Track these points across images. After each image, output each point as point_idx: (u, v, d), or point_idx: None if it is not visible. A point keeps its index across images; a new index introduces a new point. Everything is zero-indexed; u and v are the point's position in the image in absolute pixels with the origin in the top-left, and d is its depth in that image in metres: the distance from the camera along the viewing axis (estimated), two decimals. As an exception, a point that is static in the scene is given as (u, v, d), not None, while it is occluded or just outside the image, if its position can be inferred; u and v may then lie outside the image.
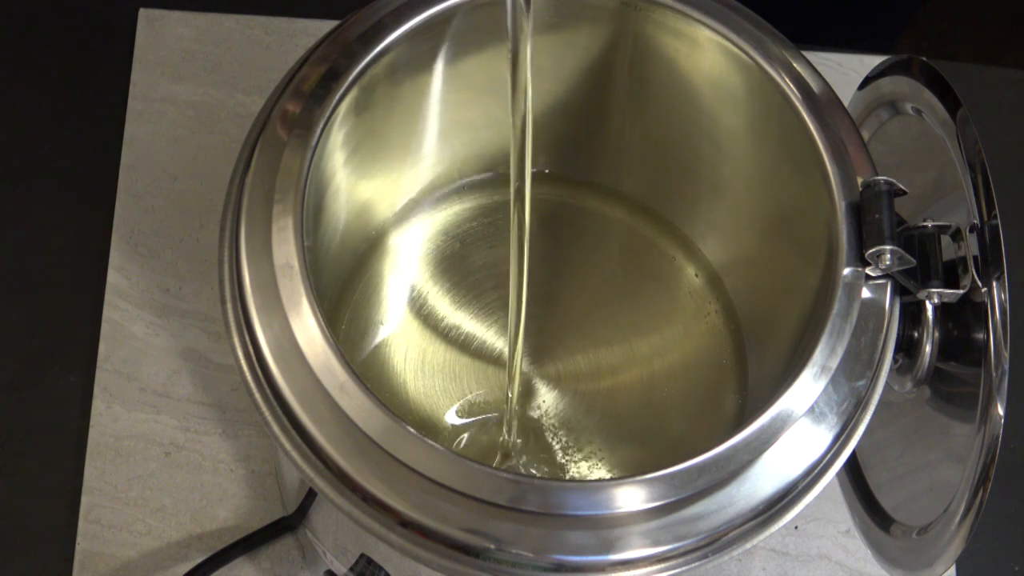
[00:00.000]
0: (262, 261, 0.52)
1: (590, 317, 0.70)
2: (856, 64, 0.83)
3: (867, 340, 0.53)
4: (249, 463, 0.72)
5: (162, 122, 0.80)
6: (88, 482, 0.71)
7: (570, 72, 0.66)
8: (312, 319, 0.51)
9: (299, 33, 0.82)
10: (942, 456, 0.56)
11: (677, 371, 0.69)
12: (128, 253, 0.76)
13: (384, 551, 0.56)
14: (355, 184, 0.64)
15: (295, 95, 0.56)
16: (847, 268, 0.54)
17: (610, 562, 0.49)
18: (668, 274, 0.71)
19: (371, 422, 0.49)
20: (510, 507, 0.48)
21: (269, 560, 0.70)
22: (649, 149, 0.69)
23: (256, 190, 0.54)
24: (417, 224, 0.71)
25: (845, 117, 0.57)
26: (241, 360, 0.52)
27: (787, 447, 0.51)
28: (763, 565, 0.71)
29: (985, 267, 0.52)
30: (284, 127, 0.55)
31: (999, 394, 0.51)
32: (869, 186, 0.54)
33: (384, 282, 0.69)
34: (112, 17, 0.83)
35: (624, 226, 0.72)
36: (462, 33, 0.60)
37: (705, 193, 0.68)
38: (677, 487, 0.49)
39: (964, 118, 0.55)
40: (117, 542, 0.70)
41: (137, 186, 0.78)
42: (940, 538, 0.53)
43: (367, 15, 0.58)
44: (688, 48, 0.61)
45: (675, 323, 0.70)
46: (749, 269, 0.68)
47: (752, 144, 0.63)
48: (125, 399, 0.73)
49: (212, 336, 0.74)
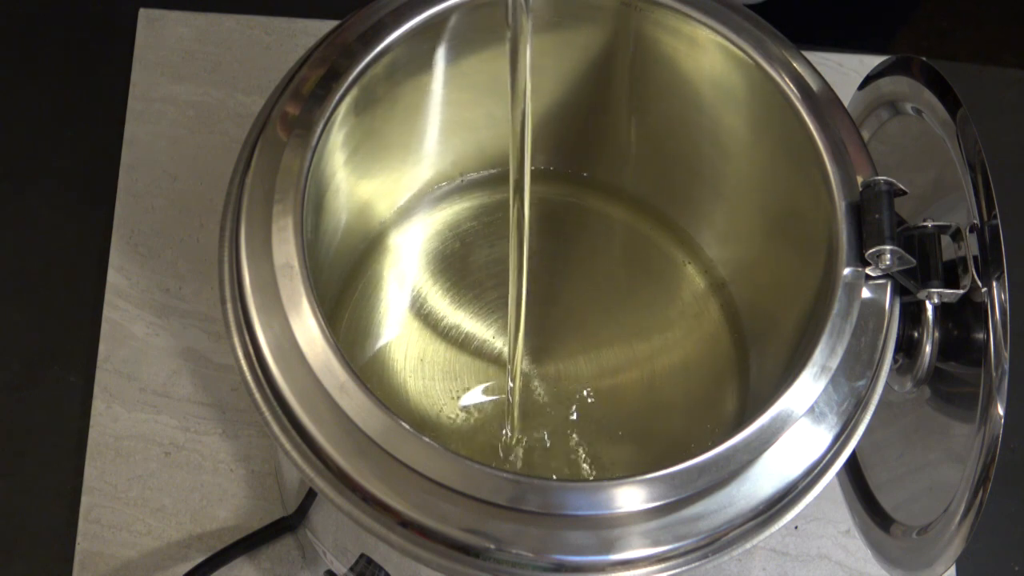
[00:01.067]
0: (262, 261, 0.52)
1: (590, 316, 0.70)
2: (856, 64, 0.83)
3: (867, 340, 0.53)
4: (249, 463, 0.72)
5: (162, 122, 0.80)
6: (88, 482, 0.71)
7: (570, 71, 0.66)
8: (312, 319, 0.51)
9: (299, 33, 0.82)
10: (942, 456, 0.56)
11: (677, 371, 0.69)
12: (128, 253, 0.76)
13: (384, 551, 0.56)
14: (355, 184, 0.64)
15: (295, 95, 0.56)
16: (847, 268, 0.54)
17: (610, 562, 0.49)
18: (669, 273, 0.71)
19: (371, 422, 0.49)
20: (510, 507, 0.48)
21: (269, 560, 0.70)
22: (649, 148, 0.69)
23: (256, 190, 0.54)
24: (417, 223, 0.71)
25: (845, 117, 0.57)
26: (241, 360, 0.52)
27: (787, 447, 0.51)
28: (763, 565, 0.71)
29: (985, 267, 0.52)
30: (284, 127, 0.55)
31: (999, 394, 0.51)
32: (869, 186, 0.54)
33: (384, 281, 0.69)
34: (112, 17, 0.83)
35: (625, 225, 0.72)
36: (462, 33, 0.60)
37: (705, 192, 0.68)
38: (677, 487, 0.49)
39: (964, 118, 0.55)
40: (117, 542, 0.70)
41: (137, 186, 0.78)
42: (940, 538, 0.53)
43: (367, 15, 0.58)
44: (688, 48, 0.61)
45: (675, 322, 0.70)
46: (750, 268, 0.68)
47: (752, 144, 0.63)
48: (125, 399, 0.73)
49: (212, 336, 0.74)
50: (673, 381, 0.68)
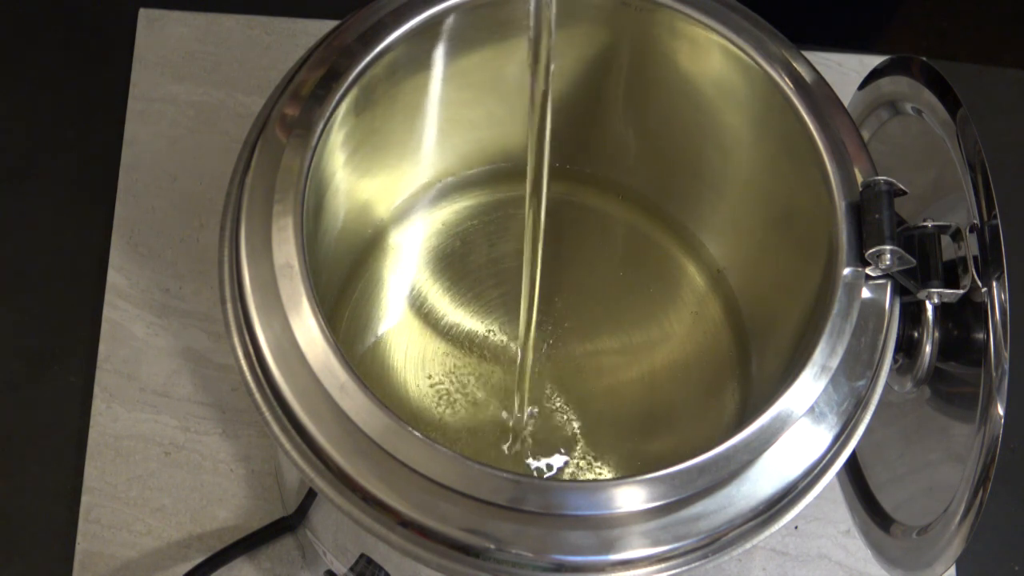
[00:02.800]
0: (262, 261, 0.52)
1: (592, 315, 0.70)
2: (856, 64, 0.83)
3: (867, 340, 0.53)
4: (249, 463, 0.72)
5: (162, 122, 0.80)
6: (88, 482, 0.71)
7: (570, 71, 0.66)
8: (312, 319, 0.51)
9: (299, 33, 0.82)
10: (942, 456, 0.56)
11: (678, 370, 0.69)
12: (128, 253, 0.76)
13: (384, 551, 0.56)
14: (355, 183, 0.64)
15: (295, 95, 0.56)
16: (847, 268, 0.54)
17: (610, 562, 0.49)
18: (670, 272, 0.71)
19: (371, 422, 0.49)
20: (510, 507, 0.48)
21: (269, 560, 0.70)
22: (650, 148, 0.69)
23: (256, 190, 0.54)
24: (417, 222, 0.71)
25: (845, 117, 0.57)
26: (241, 360, 0.52)
27: (787, 447, 0.51)
28: (763, 565, 0.71)
29: (985, 267, 0.52)
30: (284, 127, 0.55)
31: (999, 394, 0.51)
32: (869, 186, 0.54)
33: (384, 281, 0.69)
34: (112, 17, 0.83)
35: (626, 224, 0.72)
36: (462, 33, 0.60)
37: (706, 192, 0.68)
38: (677, 487, 0.49)
39: (964, 118, 0.55)
40: (117, 542, 0.70)
41: (137, 186, 0.78)
42: (940, 538, 0.53)
43: (367, 15, 0.58)
44: (688, 48, 0.61)
45: (676, 322, 0.70)
46: (750, 268, 0.68)
47: (752, 144, 0.63)
48: (125, 399, 0.73)
49: (212, 336, 0.74)
50: (674, 380, 0.68)
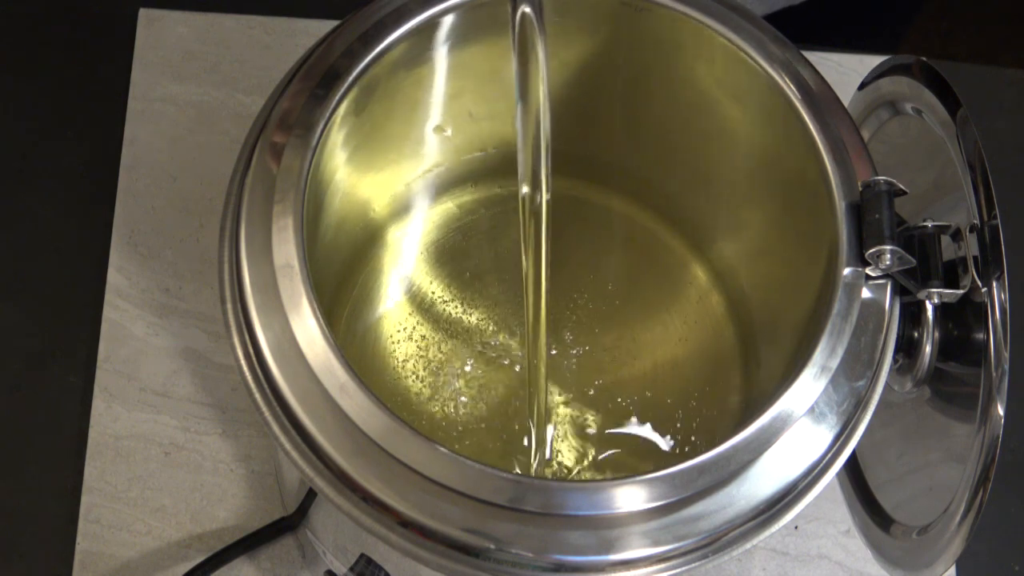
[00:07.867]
0: (262, 261, 0.52)
1: (593, 313, 0.70)
2: (856, 64, 0.83)
3: (867, 340, 0.53)
4: (249, 463, 0.72)
5: (162, 122, 0.80)
6: (88, 482, 0.71)
7: (570, 71, 0.66)
8: (312, 319, 0.51)
9: (299, 33, 0.82)
10: (942, 456, 0.56)
11: (680, 364, 0.69)
12: (128, 253, 0.76)
13: (384, 551, 0.56)
14: (355, 182, 0.64)
15: (295, 95, 0.56)
16: (847, 268, 0.54)
17: (610, 562, 0.49)
18: (671, 271, 0.71)
19: (371, 422, 0.49)
20: (510, 507, 0.48)
21: (269, 560, 0.70)
22: (650, 148, 0.69)
23: (256, 190, 0.54)
24: (417, 219, 0.71)
25: (845, 117, 0.57)
26: (241, 360, 0.52)
27: (787, 447, 0.51)
28: (763, 565, 0.71)
29: (985, 267, 0.52)
30: (284, 127, 0.55)
31: (999, 394, 0.51)
32: (869, 186, 0.54)
33: (384, 277, 0.69)
34: (112, 17, 0.83)
35: (628, 223, 0.72)
36: (462, 32, 0.60)
37: (707, 191, 0.68)
38: (677, 487, 0.49)
39: (964, 118, 0.55)
40: (117, 542, 0.70)
41: (137, 186, 0.78)
42: (940, 538, 0.53)
43: (367, 15, 0.58)
44: (688, 48, 0.61)
45: (678, 321, 0.70)
46: (751, 268, 0.68)
47: (752, 144, 0.63)
48: (125, 399, 0.73)
49: (212, 336, 0.74)
50: (676, 374, 0.68)
